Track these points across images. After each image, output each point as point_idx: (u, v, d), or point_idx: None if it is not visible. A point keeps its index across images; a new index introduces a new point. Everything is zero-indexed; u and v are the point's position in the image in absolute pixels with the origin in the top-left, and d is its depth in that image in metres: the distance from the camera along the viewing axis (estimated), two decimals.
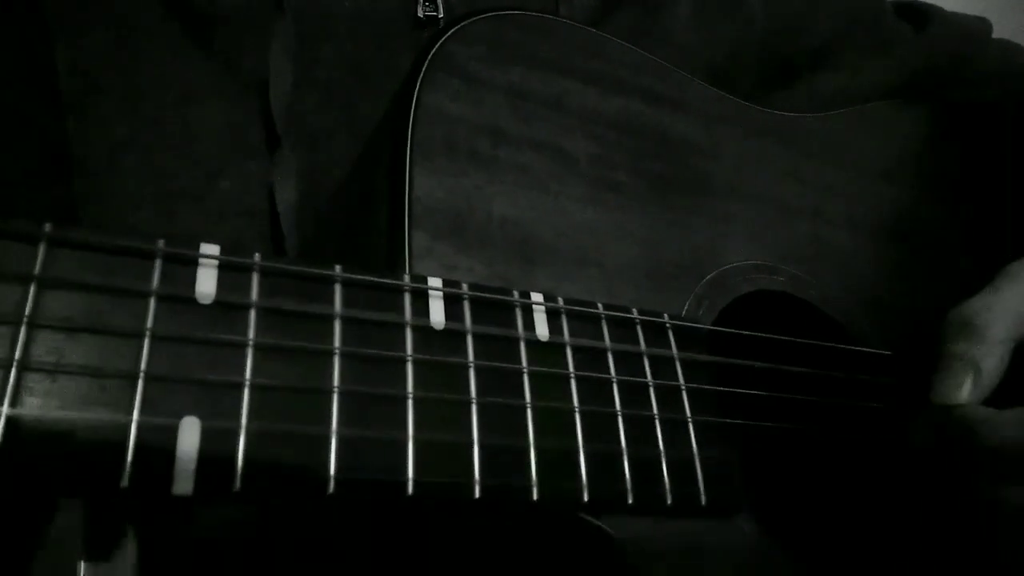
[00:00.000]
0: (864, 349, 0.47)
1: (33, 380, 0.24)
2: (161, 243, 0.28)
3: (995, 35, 0.68)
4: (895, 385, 0.47)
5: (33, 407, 0.24)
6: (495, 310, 0.34)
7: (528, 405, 0.32)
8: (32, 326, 0.25)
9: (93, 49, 0.49)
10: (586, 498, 0.32)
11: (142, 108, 0.49)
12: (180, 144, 0.49)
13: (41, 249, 0.26)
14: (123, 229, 0.47)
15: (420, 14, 0.52)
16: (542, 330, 0.35)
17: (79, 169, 0.48)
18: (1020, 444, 0.35)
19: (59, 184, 0.48)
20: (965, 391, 0.37)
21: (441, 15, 0.53)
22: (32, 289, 0.25)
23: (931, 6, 0.67)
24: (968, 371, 0.38)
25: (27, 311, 0.25)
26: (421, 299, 0.32)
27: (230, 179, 0.49)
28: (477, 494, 0.30)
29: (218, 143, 0.49)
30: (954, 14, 0.67)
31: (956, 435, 0.38)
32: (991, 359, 0.38)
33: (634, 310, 0.38)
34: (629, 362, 0.37)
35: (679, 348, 0.39)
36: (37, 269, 0.25)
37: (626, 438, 0.34)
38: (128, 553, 0.49)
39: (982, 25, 0.66)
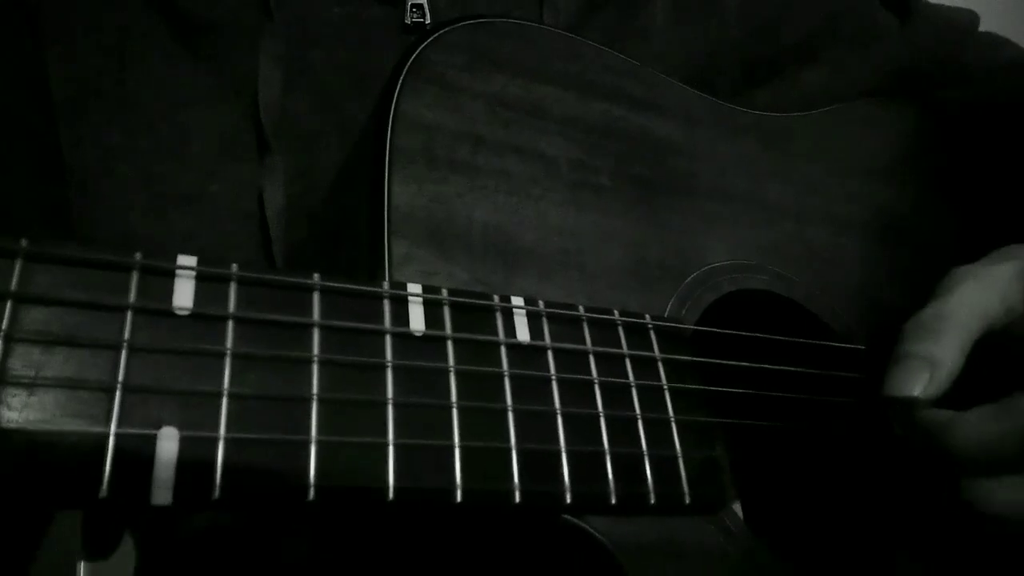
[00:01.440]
0: (847, 346, 0.48)
1: (10, 394, 0.24)
2: (138, 256, 0.28)
3: (996, 29, 0.68)
4: (874, 381, 0.47)
5: (11, 420, 0.24)
6: (475, 315, 0.34)
7: (509, 408, 0.33)
8: (9, 340, 0.25)
9: (86, 56, 0.49)
10: (569, 500, 0.32)
11: (135, 114, 0.49)
12: (172, 149, 0.49)
13: (18, 264, 0.26)
14: (106, 241, 0.48)
15: (408, 21, 0.53)
16: (523, 334, 0.35)
17: (72, 174, 0.48)
18: (982, 444, 0.36)
19: (53, 188, 0.48)
20: (920, 386, 0.37)
21: (428, 22, 0.53)
22: (8, 304, 0.25)
23: None
24: (924, 368, 0.37)
25: (3, 325, 0.25)
26: (401, 305, 0.33)
27: (221, 183, 0.50)
28: (459, 498, 0.30)
29: (210, 148, 0.50)
30: (940, 6, 0.66)
31: (919, 438, 0.38)
32: (948, 358, 0.38)
33: (615, 312, 0.38)
34: (611, 364, 0.37)
35: (661, 349, 0.39)
36: (13, 284, 0.26)
37: (609, 439, 0.35)
38: (128, 553, 0.50)
39: (969, 17, 0.66)
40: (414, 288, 0.33)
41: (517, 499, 0.31)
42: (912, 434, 0.38)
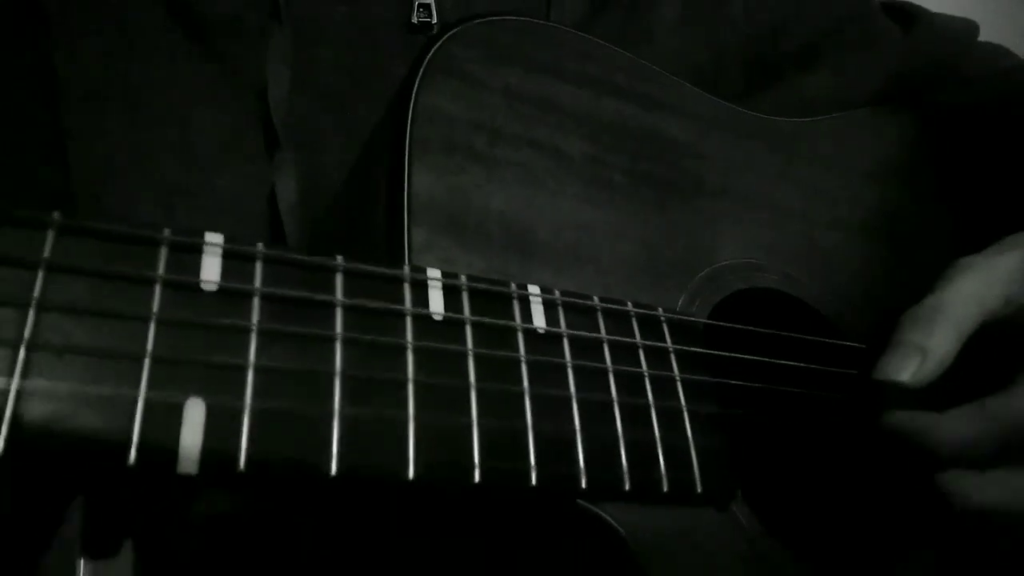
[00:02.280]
0: (853, 344, 0.48)
1: (42, 360, 0.25)
2: (167, 232, 0.29)
3: (995, 37, 0.69)
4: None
5: (42, 387, 0.25)
6: (493, 301, 0.35)
7: (526, 392, 0.33)
8: (41, 309, 0.25)
9: (94, 53, 0.50)
10: (584, 484, 0.33)
11: (141, 111, 0.50)
12: (179, 146, 0.50)
13: (50, 236, 0.26)
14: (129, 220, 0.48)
15: (414, 20, 0.54)
16: (539, 321, 0.36)
17: (78, 170, 0.49)
18: (961, 443, 0.38)
19: (60, 182, 0.49)
20: (908, 372, 0.39)
21: (435, 21, 0.54)
22: (41, 274, 0.26)
23: (918, 7, 0.67)
24: (915, 355, 0.39)
25: (36, 294, 0.25)
26: (421, 289, 0.33)
27: (227, 181, 0.50)
28: (477, 478, 0.30)
29: (216, 145, 0.50)
30: (941, 15, 0.67)
31: (904, 434, 0.39)
32: (940, 347, 0.39)
33: (629, 303, 0.39)
34: (625, 353, 0.37)
35: (673, 340, 0.39)
36: (46, 254, 0.26)
37: (623, 425, 0.35)
38: (127, 553, 0.50)
39: (969, 27, 0.67)
40: (434, 273, 0.34)
41: (534, 480, 0.32)
42: (898, 430, 0.39)
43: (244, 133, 0.51)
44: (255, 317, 0.29)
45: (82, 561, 0.54)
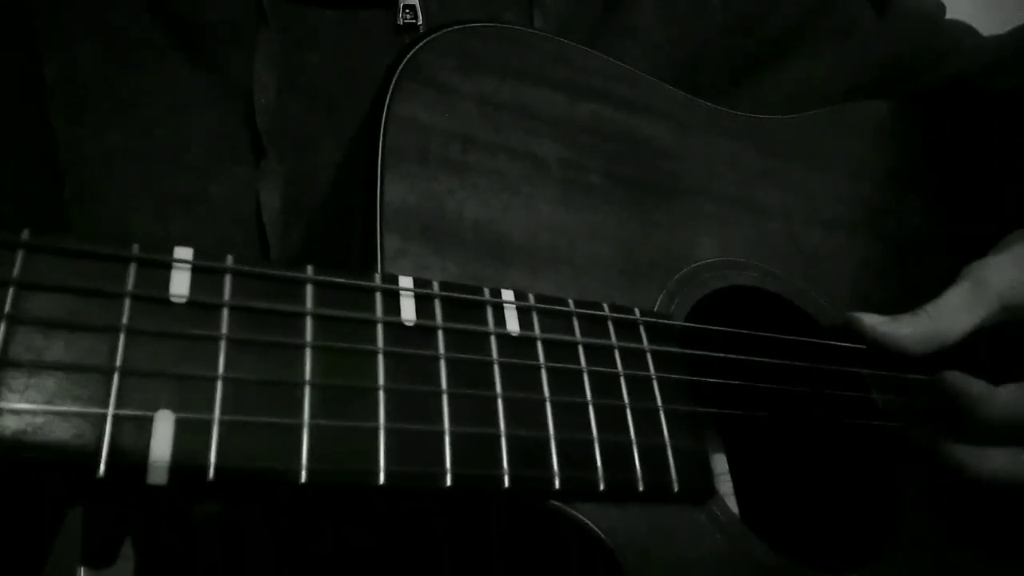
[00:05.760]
0: (834, 343, 0.48)
1: (12, 376, 0.25)
2: (135, 248, 0.29)
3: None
4: (863, 376, 0.48)
5: (12, 401, 0.25)
6: (466, 307, 0.35)
7: (499, 395, 0.33)
8: (11, 325, 0.26)
9: (84, 59, 0.50)
10: (558, 485, 0.33)
11: (133, 116, 0.50)
12: (171, 151, 0.50)
13: (20, 255, 0.27)
14: (110, 236, 0.49)
15: (400, 22, 0.54)
16: (512, 325, 0.36)
17: (73, 175, 0.49)
18: (1005, 419, 0.42)
19: (49, 190, 0.49)
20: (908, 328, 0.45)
21: (420, 22, 0.54)
22: (11, 291, 0.26)
23: None
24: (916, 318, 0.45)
25: (6, 310, 0.26)
26: (392, 298, 0.33)
27: (220, 185, 0.50)
28: (448, 482, 0.31)
29: (208, 150, 0.51)
30: None
31: (954, 405, 0.43)
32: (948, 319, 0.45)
33: (605, 306, 0.39)
34: (600, 355, 0.38)
35: (650, 342, 0.39)
36: (15, 273, 0.27)
37: (597, 426, 0.35)
38: (126, 556, 0.50)
39: (937, 5, 0.68)
40: (405, 281, 0.34)
41: (506, 484, 0.32)
42: (946, 395, 0.43)
43: (235, 139, 0.51)
44: (224, 328, 0.29)
45: (81, 568, 0.55)
